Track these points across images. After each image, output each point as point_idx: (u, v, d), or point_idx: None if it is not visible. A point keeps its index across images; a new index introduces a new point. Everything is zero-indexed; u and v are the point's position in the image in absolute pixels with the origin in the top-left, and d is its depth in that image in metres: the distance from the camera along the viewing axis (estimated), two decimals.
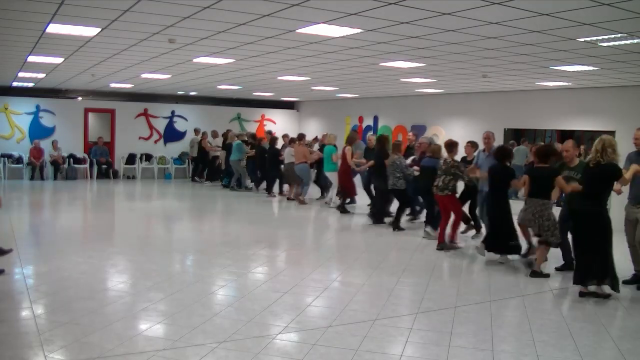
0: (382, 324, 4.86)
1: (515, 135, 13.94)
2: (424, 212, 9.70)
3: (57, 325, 4.54)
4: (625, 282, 6.28)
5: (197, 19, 6.03)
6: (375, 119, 17.07)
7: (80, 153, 17.07)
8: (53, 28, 6.65)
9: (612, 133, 10.42)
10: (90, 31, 6.87)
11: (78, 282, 5.90)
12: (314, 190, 13.64)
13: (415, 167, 9.37)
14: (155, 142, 18.40)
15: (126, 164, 17.76)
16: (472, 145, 9.06)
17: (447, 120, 14.47)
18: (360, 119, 17.58)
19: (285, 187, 13.95)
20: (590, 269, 5.74)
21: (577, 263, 5.98)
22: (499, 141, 11.93)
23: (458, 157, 8.56)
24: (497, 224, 7.24)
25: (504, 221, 7.14)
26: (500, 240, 7.21)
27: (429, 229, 8.90)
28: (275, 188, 14.20)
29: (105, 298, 5.42)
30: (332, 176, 11.92)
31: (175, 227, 10.27)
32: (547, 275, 6.65)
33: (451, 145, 8.26)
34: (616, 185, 5.89)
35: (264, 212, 11.94)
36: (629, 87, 10.44)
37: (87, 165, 16.90)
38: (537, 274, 6.63)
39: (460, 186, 8.56)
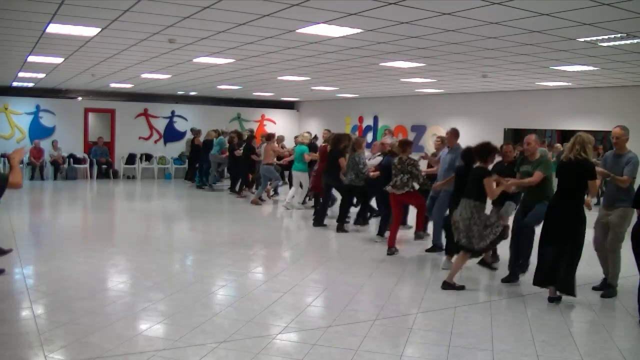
0: (382, 324, 4.86)
1: (515, 135, 13.94)
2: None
3: (57, 325, 4.54)
4: (595, 288, 6.06)
5: (197, 19, 6.03)
6: (375, 119, 17.08)
7: (80, 153, 17.09)
8: (53, 28, 6.65)
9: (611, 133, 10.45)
10: (90, 31, 6.87)
11: (78, 282, 5.89)
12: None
13: (374, 173, 9.11)
14: (155, 142, 18.41)
15: (126, 164, 17.77)
16: (442, 140, 8.81)
17: (447, 120, 14.46)
18: (360, 119, 17.59)
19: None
20: (554, 274, 5.54)
21: (540, 262, 5.72)
22: (498, 141, 11.96)
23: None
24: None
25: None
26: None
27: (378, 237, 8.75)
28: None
29: (105, 298, 5.42)
30: (302, 176, 11.61)
31: (175, 227, 10.26)
32: (461, 288, 6.03)
33: (405, 144, 7.93)
34: (587, 199, 5.70)
35: (262, 212, 11.93)
36: (629, 87, 10.45)
37: (87, 165, 16.91)
38: (449, 285, 6.03)
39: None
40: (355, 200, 10.05)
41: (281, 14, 5.65)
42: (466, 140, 8.45)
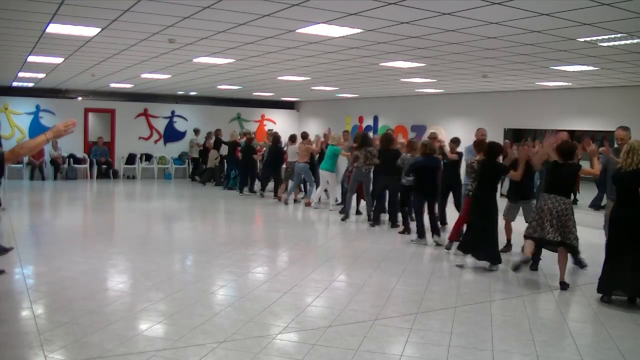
0: (382, 324, 4.87)
1: (515, 135, 13.91)
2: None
3: (57, 325, 4.54)
4: None
5: (197, 19, 6.03)
6: (375, 119, 17.07)
7: (80, 153, 17.08)
8: (53, 28, 6.65)
9: (611, 133, 10.43)
10: (90, 31, 6.86)
11: (78, 282, 5.89)
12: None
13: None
14: (155, 142, 18.40)
15: (126, 164, 17.76)
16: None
17: (447, 120, 14.47)
18: (360, 119, 17.58)
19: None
20: (622, 280, 5.58)
21: (606, 270, 5.73)
22: (499, 141, 11.94)
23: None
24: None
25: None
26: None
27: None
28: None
29: (105, 298, 5.42)
30: (328, 176, 11.82)
31: (175, 227, 10.26)
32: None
33: (477, 144, 8.01)
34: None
35: (263, 212, 11.93)
36: (629, 87, 10.44)
37: (87, 165, 16.91)
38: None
39: None
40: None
41: (281, 14, 5.65)
42: (467, 140, 8.46)
